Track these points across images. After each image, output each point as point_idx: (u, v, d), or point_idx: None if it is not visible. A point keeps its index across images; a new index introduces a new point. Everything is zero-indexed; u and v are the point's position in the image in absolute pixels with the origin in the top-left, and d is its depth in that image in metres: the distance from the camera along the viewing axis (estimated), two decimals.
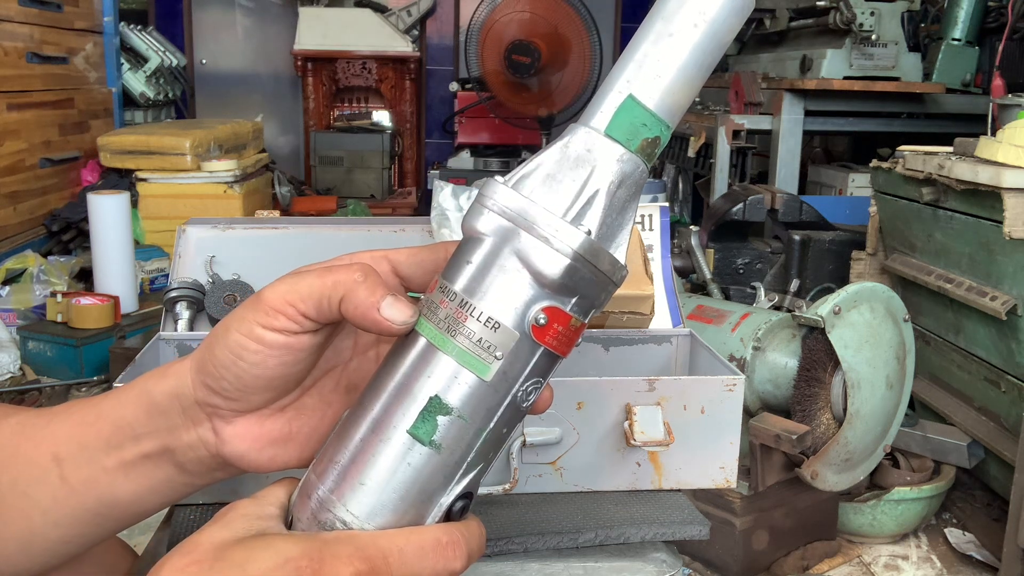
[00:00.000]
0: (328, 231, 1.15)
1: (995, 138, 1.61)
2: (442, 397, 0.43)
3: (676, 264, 2.31)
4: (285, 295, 0.45)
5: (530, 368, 0.44)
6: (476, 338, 0.43)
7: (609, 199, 0.44)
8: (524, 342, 0.44)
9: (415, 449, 0.44)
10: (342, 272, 0.45)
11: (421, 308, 0.46)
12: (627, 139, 0.44)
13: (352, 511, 0.44)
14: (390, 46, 4.54)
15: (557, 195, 0.44)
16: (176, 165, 3.24)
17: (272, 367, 0.47)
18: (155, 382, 0.50)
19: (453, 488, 0.45)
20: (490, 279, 0.43)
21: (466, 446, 0.44)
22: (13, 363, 2.27)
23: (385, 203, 4.31)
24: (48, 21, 3.18)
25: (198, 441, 0.49)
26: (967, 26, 3.01)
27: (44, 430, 0.51)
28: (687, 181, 3.74)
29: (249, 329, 0.46)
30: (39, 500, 0.50)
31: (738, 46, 3.70)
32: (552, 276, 0.43)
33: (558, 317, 0.44)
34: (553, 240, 0.43)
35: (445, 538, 0.44)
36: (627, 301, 1.00)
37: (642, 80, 0.44)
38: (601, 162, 0.44)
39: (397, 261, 0.50)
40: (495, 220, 0.44)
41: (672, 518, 0.86)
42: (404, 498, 0.44)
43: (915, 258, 1.94)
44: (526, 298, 0.43)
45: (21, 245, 2.90)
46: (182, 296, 1.07)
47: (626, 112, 0.44)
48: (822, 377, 1.52)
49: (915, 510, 1.65)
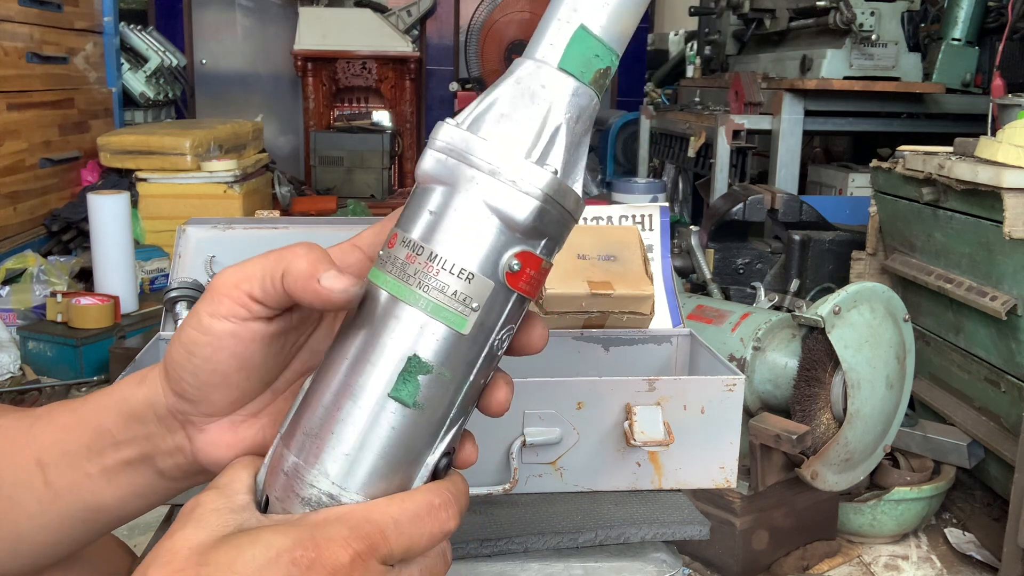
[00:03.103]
0: (328, 231, 1.15)
1: (995, 138, 1.61)
2: (420, 355, 0.42)
3: (676, 264, 2.31)
4: (231, 278, 0.44)
5: (505, 316, 0.43)
6: (450, 291, 0.41)
7: (569, 135, 0.43)
8: (499, 290, 0.42)
9: (398, 412, 0.42)
10: (286, 250, 0.44)
11: (381, 264, 0.43)
12: (580, 71, 0.43)
13: (338, 483, 0.42)
14: (390, 46, 4.54)
15: (517, 135, 0.42)
16: (176, 165, 3.25)
17: (224, 360, 0.45)
18: (132, 389, 0.49)
19: (438, 446, 0.44)
20: (458, 228, 0.41)
21: (448, 402, 0.43)
22: (13, 363, 2.27)
23: (385, 203, 4.30)
24: (48, 21, 3.18)
25: (175, 448, 0.48)
26: (967, 26, 3.01)
27: (27, 434, 0.50)
28: (687, 181, 3.74)
29: (198, 321, 0.45)
30: (24, 504, 0.49)
31: (738, 46, 3.70)
32: (523, 220, 0.41)
33: (530, 261, 0.42)
34: (521, 183, 0.41)
35: (437, 500, 0.43)
36: (627, 301, 1.00)
37: (590, 7, 0.43)
38: (557, 97, 0.42)
39: (367, 246, 0.48)
40: (455, 166, 0.42)
41: (672, 518, 0.86)
42: (391, 463, 0.42)
43: (915, 258, 1.94)
44: (498, 245, 0.42)
45: (21, 245, 2.90)
46: (182, 296, 1.07)
47: (578, 43, 0.42)
48: (822, 377, 1.52)
49: (915, 510, 1.65)
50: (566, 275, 0.99)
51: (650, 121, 3.94)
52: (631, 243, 1.06)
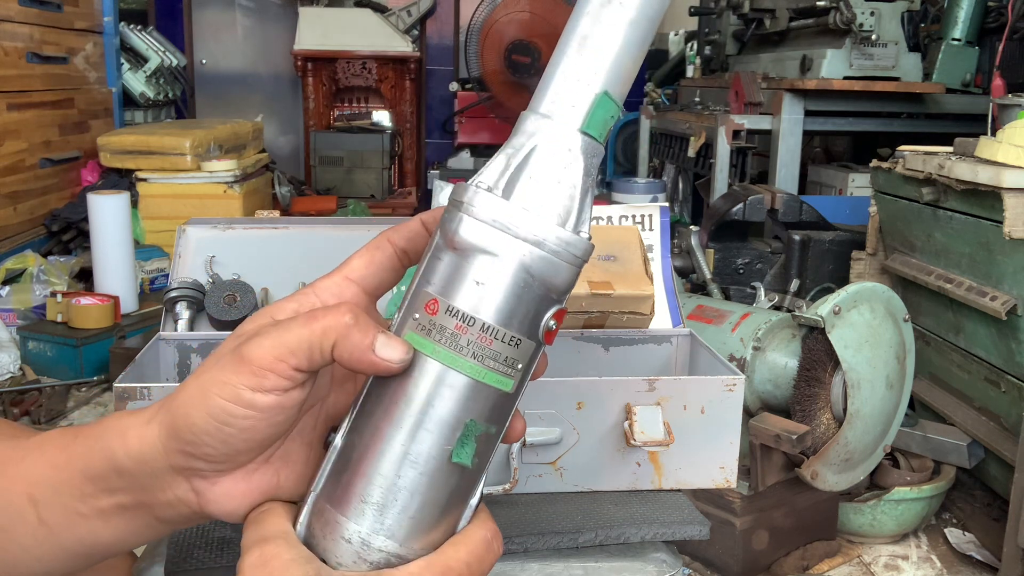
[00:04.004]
0: (328, 231, 1.15)
1: (995, 138, 1.61)
2: (476, 420, 0.44)
3: (676, 264, 2.31)
4: (273, 351, 0.42)
5: (536, 366, 0.46)
6: (502, 358, 0.44)
7: (592, 194, 0.46)
8: (538, 348, 0.45)
9: (457, 473, 0.45)
10: (329, 316, 0.43)
11: (425, 332, 0.44)
12: (599, 133, 0.45)
13: (406, 544, 0.44)
14: (390, 46, 4.54)
15: (553, 203, 0.44)
16: (176, 165, 3.25)
17: (263, 430, 0.44)
18: (117, 442, 0.46)
19: (478, 489, 0.46)
20: (507, 299, 0.43)
21: (492, 452, 0.46)
22: (13, 363, 2.27)
23: (385, 203, 4.31)
24: (48, 21, 3.18)
25: (177, 500, 0.47)
26: (967, 26, 3.01)
27: (18, 467, 0.49)
28: (687, 181, 3.74)
29: (235, 394, 0.43)
30: (18, 538, 0.48)
31: (738, 46, 3.70)
32: (565, 286, 0.44)
33: (560, 317, 0.45)
34: (564, 254, 0.43)
35: (488, 534, 0.46)
36: (627, 301, 1.00)
37: (611, 72, 0.44)
38: (582, 161, 0.44)
39: (360, 279, 0.48)
40: (498, 236, 0.43)
41: (672, 518, 0.86)
42: (447, 515, 0.45)
43: (915, 258, 1.94)
44: (541, 310, 0.44)
45: (21, 245, 2.90)
46: (182, 296, 1.07)
47: (601, 109, 0.44)
48: (822, 377, 1.52)
49: (915, 510, 1.65)
50: None
51: (650, 121, 3.94)
52: (631, 243, 1.06)
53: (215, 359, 0.44)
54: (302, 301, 0.47)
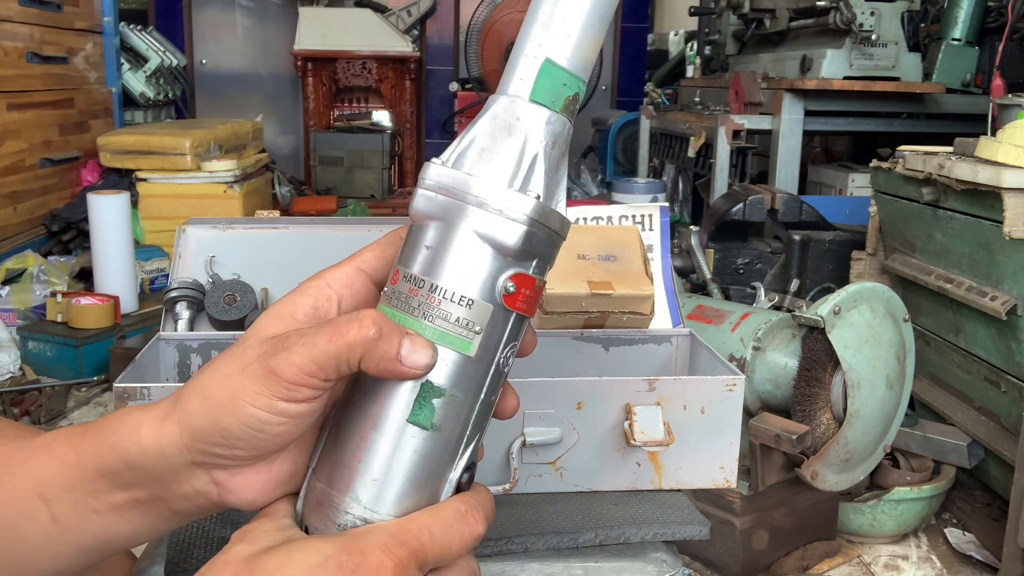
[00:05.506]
0: (328, 231, 1.15)
1: (995, 138, 1.61)
2: (433, 381, 0.45)
3: (676, 264, 2.31)
4: (303, 367, 0.44)
5: (507, 334, 0.46)
6: (453, 318, 0.45)
7: (547, 161, 0.46)
8: (498, 312, 0.45)
9: (418, 435, 0.45)
10: (352, 330, 0.44)
11: (387, 300, 0.46)
12: (551, 101, 0.46)
13: (370, 507, 0.45)
14: (390, 46, 4.54)
15: (498, 167, 0.45)
16: (176, 165, 3.25)
17: (294, 432, 0.46)
18: (130, 438, 0.47)
19: (458, 462, 0.47)
20: (454, 260, 0.45)
21: (463, 421, 0.46)
22: (13, 363, 2.27)
23: (385, 203, 4.31)
24: (48, 21, 3.18)
25: (195, 492, 0.48)
26: (967, 26, 3.01)
27: (25, 466, 0.49)
28: (687, 181, 3.74)
29: (269, 404, 0.44)
30: (29, 538, 0.49)
31: (738, 46, 3.70)
32: (513, 245, 0.44)
33: (524, 282, 0.46)
34: (507, 211, 0.44)
35: (464, 507, 0.46)
36: (627, 301, 1.00)
37: (553, 41, 0.46)
38: (532, 128, 0.46)
39: (371, 269, 0.49)
40: (444, 202, 0.45)
41: (672, 518, 0.86)
42: (417, 483, 0.46)
43: (915, 258, 1.94)
44: (493, 271, 0.45)
45: (21, 245, 2.90)
46: (182, 296, 1.07)
47: (546, 75, 0.46)
48: (822, 377, 1.52)
49: (915, 510, 1.65)
50: (566, 275, 0.99)
51: (650, 121, 3.94)
52: (631, 243, 1.06)
53: (240, 364, 0.45)
54: (318, 296, 0.48)
